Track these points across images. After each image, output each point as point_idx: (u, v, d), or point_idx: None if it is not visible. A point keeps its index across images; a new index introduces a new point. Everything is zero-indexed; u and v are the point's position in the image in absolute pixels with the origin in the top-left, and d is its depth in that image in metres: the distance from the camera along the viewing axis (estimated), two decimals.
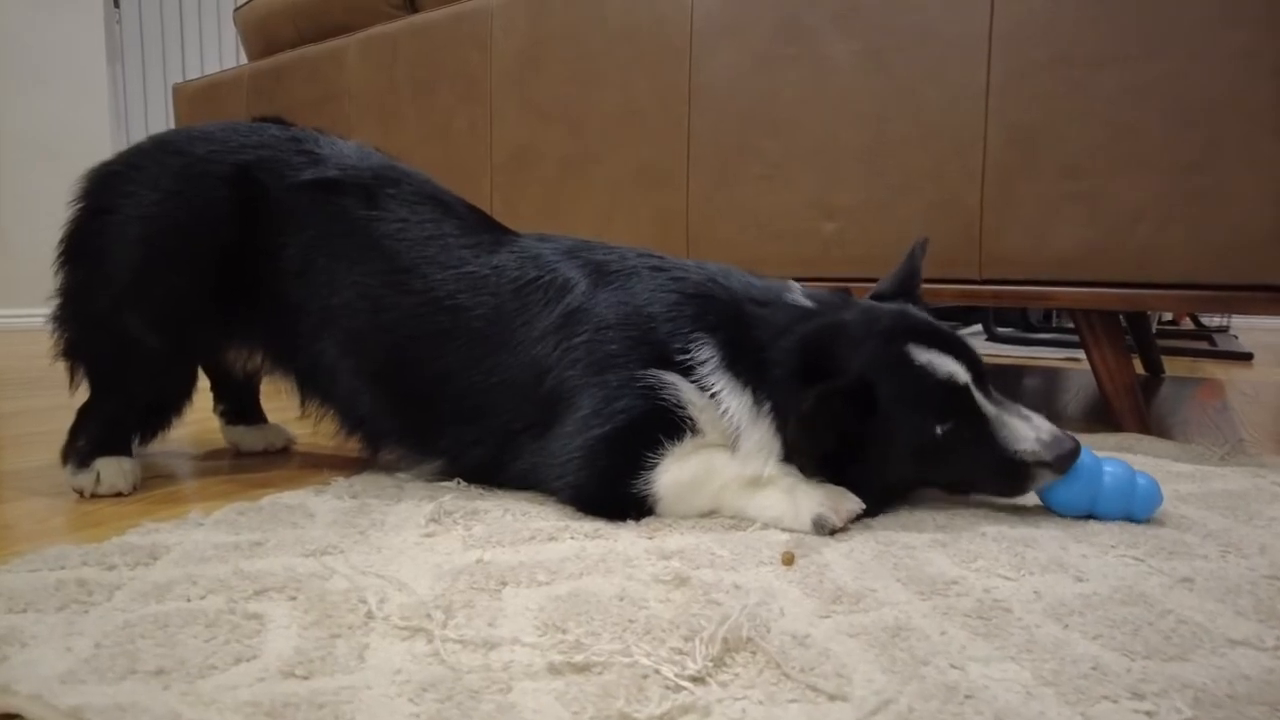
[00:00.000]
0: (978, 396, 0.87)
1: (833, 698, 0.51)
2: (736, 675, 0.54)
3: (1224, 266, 1.22)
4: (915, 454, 0.88)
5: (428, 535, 0.82)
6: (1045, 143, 1.31)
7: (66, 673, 0.54)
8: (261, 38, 2.56)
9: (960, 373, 0.87)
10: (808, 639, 0.59)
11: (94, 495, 1.01)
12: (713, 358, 0.92)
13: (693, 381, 0.91)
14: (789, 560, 0.75)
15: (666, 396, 0.90)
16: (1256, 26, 1.17)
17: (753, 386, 0.91)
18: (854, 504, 0.86)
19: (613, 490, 0.89)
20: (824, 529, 0.83)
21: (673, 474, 0.89)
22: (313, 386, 1.08)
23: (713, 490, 0.90)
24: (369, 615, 0.63)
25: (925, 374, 0.87)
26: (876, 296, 1.05)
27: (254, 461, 1.22)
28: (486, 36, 1.93)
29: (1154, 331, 2.71)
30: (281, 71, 2.47)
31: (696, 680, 0.53)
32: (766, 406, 0.91)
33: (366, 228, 1.05)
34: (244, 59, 4.49)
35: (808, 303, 0.98)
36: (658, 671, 0.53)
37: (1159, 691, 0.53)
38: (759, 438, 0.90)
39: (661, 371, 0.91)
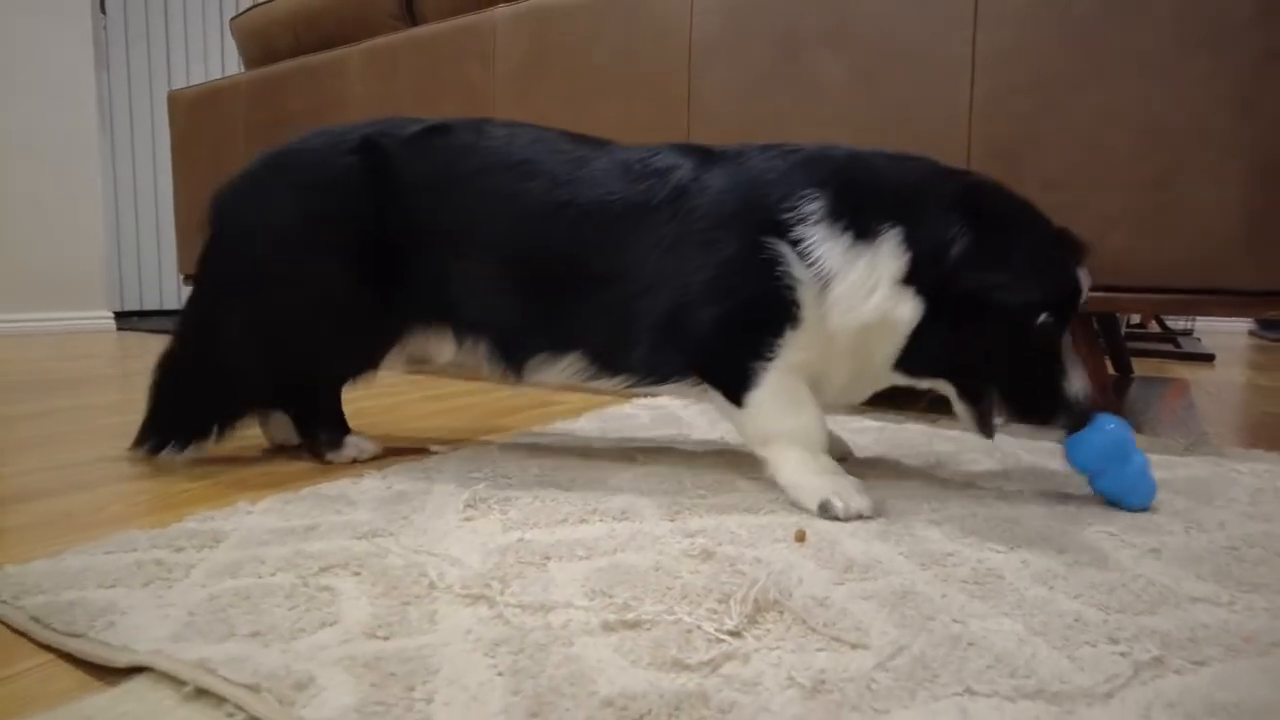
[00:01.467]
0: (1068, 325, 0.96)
1: (855, 646, 0.59)
2: (769, 630, 0.62)
3: (1189, 273, 1.32)
4: (1004, 326, 0.93)
5: (467, 519, 0.89)
6: (1027, 159, 1.41)
7: (172, 635, 0.60)
8: (260, 46, 2.61)
9: (1084, 294, 0.95)
10: (827, 600, 0.67)
11: (355, 461, 1.19)
12: (818, 209, 0.95)
13: (793, 240, 0.95)
14: (801, 537, 0.83)
15: (780, 274, 0.94)
16: (1214, 53, 1.28)
17: (859, 226, 0.95)
18: (863, 504, 0.91)
19: (733, 366, 0.98)
20: (828, 514, 0.91)
21: (772, 385, 0.97)
22: (466, 321, 1.13)
23: (783, 428, 0.98)
24: (431, 586, 0.70)
25: (1073, 271, 0.94)
26: None
27: (270, 458, 1.27)
28: (489, 50, 2.00)
29: (1123, 334, 2.83)
30: (282, 80, 2.52)
31: (734, 635, 0.60)
32: (890, 234, 0.94)
33: (483, 148, 1.12)
34: (232, 66, 4.51)
35: (946, 165, 1.02)
36: (699, 628, 0.61)
37: (1131, 637, 0.61)
38: (860, 273, 0.94)
39: (778, 242, 0.95)
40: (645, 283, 1.01)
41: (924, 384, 1.01)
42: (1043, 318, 0.91)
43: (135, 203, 4.33)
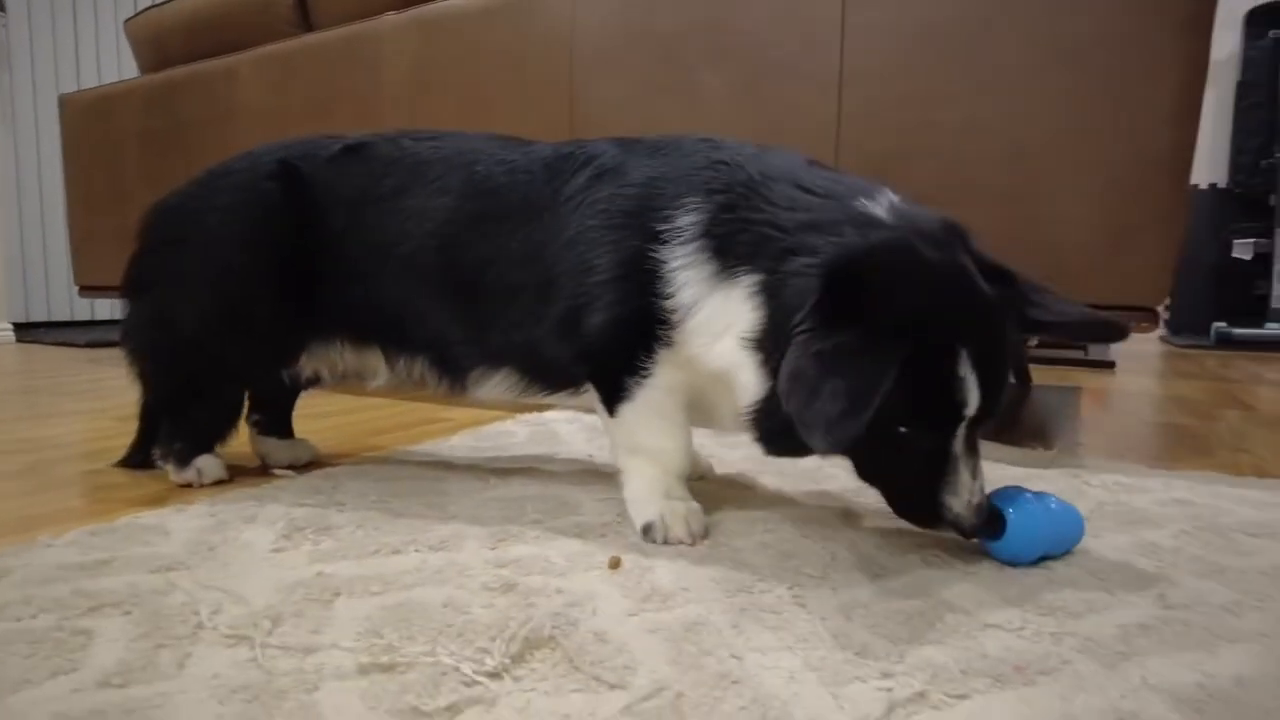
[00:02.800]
0: (960, 435, 0.79)
1: (613, 687, 0.57)
2: (533, 670, 0.59)
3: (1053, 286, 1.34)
4: (855, 418, 0.71)
5: (276, 550, 0.85)
6: (895, 172, 1.41)
7: None
8: (154, 50, 2.53)
9: (971, 407, 0.77)
10: (607, 636, 0.64)
11: (200, 486, 1.14)
12: (694, 225, 0.87)
13: (666, 256, 0.87)
14: (615, 564, 0.80)
15: (656, 290, 0.88)
16: (1074, 71, 1.30)
17: (725, 256, 0.85)
18: (682, 534, 0.88)
19: (611, 375, 0.94)
20: (648, 538, 0.89)
21: (643, 401, 0.93)
22: (395, 340, 1.12)
23: (645, 445, 0.95)
24: (199, 626, 0.66)
25: (951, 385, 0.76)
26: None
27: (129, 479, 1.21)
28: (377, 59, 1.95)
29: (1034, 342, 2.88)
30: (175, 86, 2.44)
31: (493, 676, 0.58)
32: (746, 280, 0.83)
33: (399, 164, 1.11)
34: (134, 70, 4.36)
35: (881, 213, 0.82)
36: (457, 669, 0.58)
37: (906, 670, 0.60)
38: (712, 310, 0.85)
39: (658, 253, 0.88)
40: (547, 281, 0.97)
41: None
42: (902, 430, 0.78)
43: (41, 209, 4.16)
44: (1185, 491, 1.13)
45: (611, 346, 0.93)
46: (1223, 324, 4.08)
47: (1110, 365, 2.92)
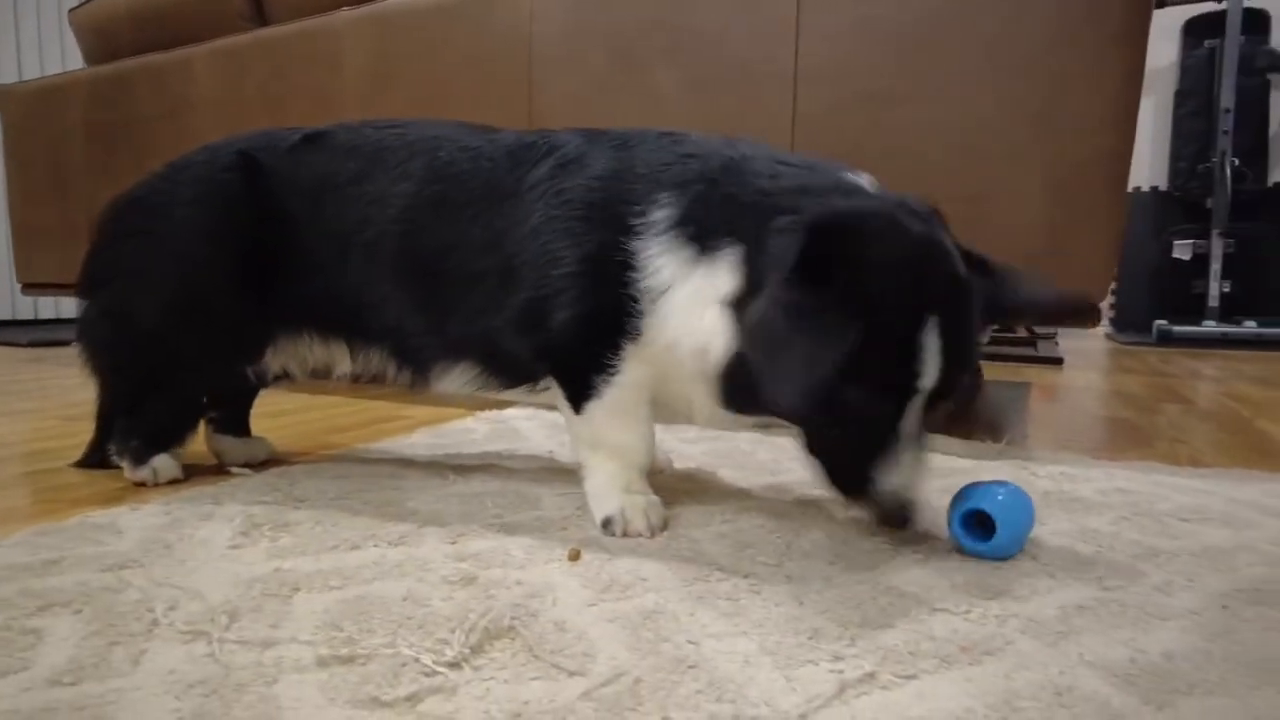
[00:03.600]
0: (912, 412, 0.79)
1: (572, 674, 0.58)
2: (493, 659, 0.60)
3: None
4: (811, 375, 0.74)
5: (234, 547, 0.84)
6: None
7: None
8: (100, 41, 2.47)
9: (928, 378, 0.77)
10: (566, 625, 0.65)
11: (155, 484, 1.13)
12: (668, 217, 0.87)
13: (639, 248, 0.87)
14: (575, 556, 0.81)
15: (626, 284, 0.87)
16: (1019, 76, 1.34)
17: (704, 238, 0.85)
18: (640, 527, 0.89)
19: (577, 372, 0.94)
20: (607, 531, 0.90)
21: (610, 399, 0.92)
22: (358, 331, 1.10)
23: (609, 441, 0.95)
24: (154, 623, 0.66)
25: (912, 353, 0.76)
26: None
27: (79, 479, 1.19)
28: (335, 54, 1.93)
29: (986, 339, 2.95)
30: (124, 79, 2.39)
31: (453, 666, 0.58)
32: (729, 252, 0.83)
33: (360, 149, 1.09)
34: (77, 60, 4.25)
35: (866, 185, 0.86)
36: (417, 660, 0.59)
37: (857, 653, 0.62)
38: (692, 289, 0.85)
39: (629, 246, 0.88)
40: (508, 270, 0.96)
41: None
42: (857, 394, 0.77)
43: None
44: (1125, 481, 1.17)
45: (577, 343, 0.92)
46: (1164, 322, 4.23)
47: (1059, 361, 3.00)
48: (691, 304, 0.86)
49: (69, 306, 4.64)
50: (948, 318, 0.77)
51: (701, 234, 0.86)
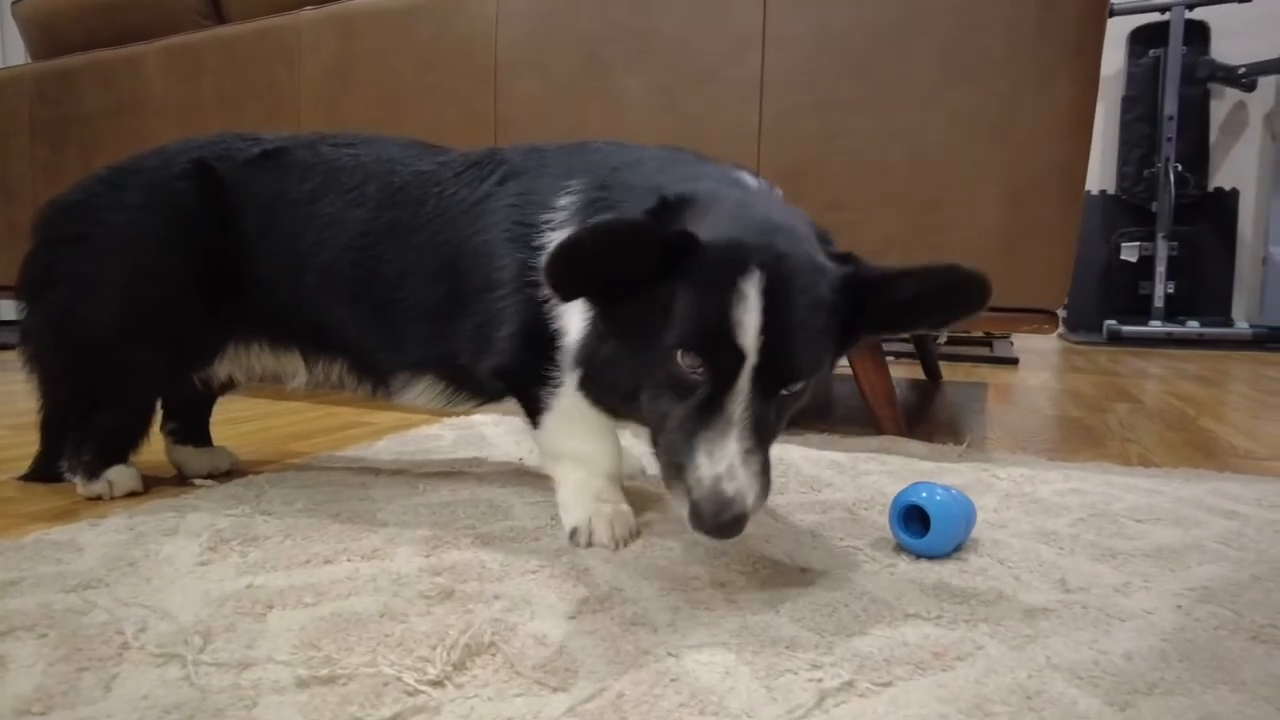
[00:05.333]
0: (742, 391, 0.71)
1: (555, 690, 0.58)
2: (475, 676, 0.60)
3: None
4: (645, 355, 0.75)
5: (202, 564, 0.83)
6: (811, 178, 1.47)
7: None
8: (46, 36, 2.39)
9: (748, 338, 0.70)
10: (546, 638, 0.65)
11: (112, 499, 1.10)
12: (560, 221, 0.90)
13: (541, 256, 0.88)
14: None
15: (543, 298, 0.88)
16: (975, 87, 1.37)
17: None
18: (605, 538, 0.89)
19: (526, 387, 0.94)
20: (573, 541, 0.90)
21: (562, 408, 0.93)
22: (315, 344, 1.10)
23: (571, 450, 0.96)
24: (124, 646, 0.64)
25: (729, 306, 0.69)
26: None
27: (25, 493, 1.16)
28: (294, 54, 1.90)
29: (943, 339, 3.02)
30: (72, 75, 2.32)
31: (435, 684, 0.58)
32: None
33: (317, 169, 1.09)
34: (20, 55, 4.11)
35: (749, 180, 0.88)
36: (399, 679, 0.58)
37: (834, 661, 0.63)
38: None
39: (537, 260, 0.89)
40: (459, 295, 0.98)
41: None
42: (683, 359, 0.72)
43: None
44: (1080, 481, 1.21)
45: (518, 361, 0.94)
46: (1113, 322, 4.36)
47: (1014, 362, 3.08)
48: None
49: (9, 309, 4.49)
50: (774, 280, 0.70)
51: None
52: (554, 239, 0.89)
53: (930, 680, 0.61)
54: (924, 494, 0.87)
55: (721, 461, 0.69)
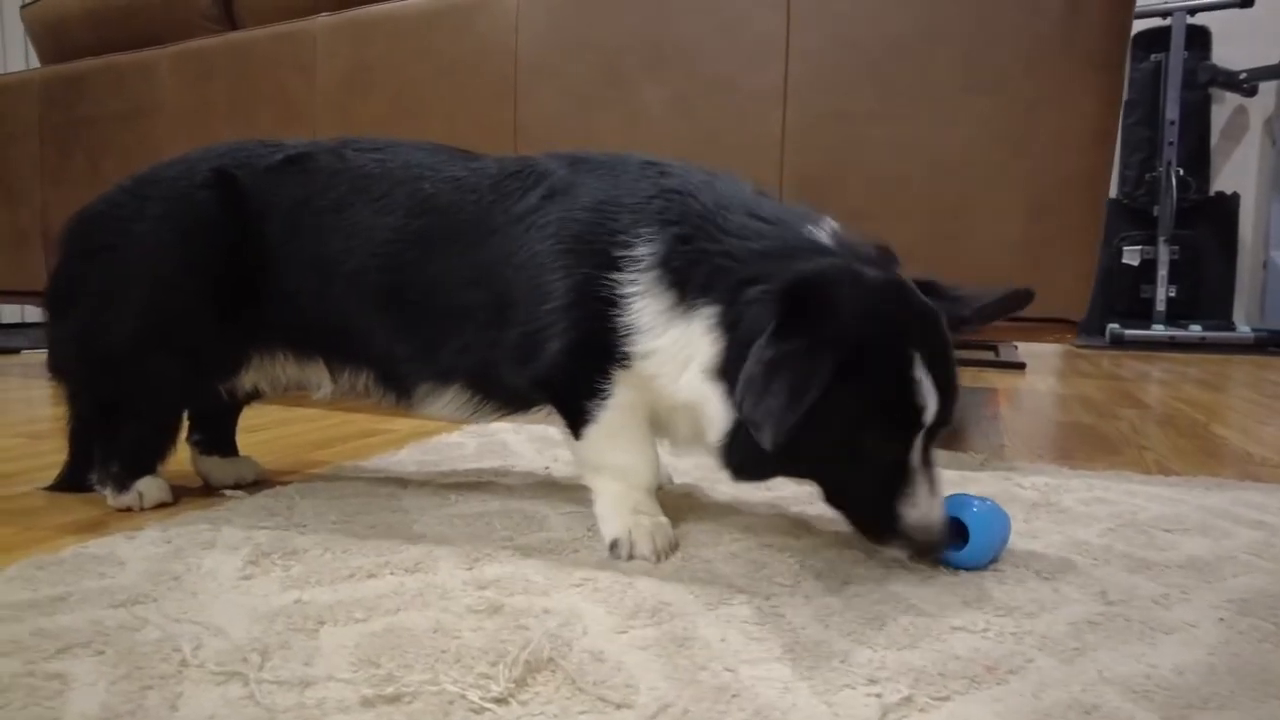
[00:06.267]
0: (918, 444, 0.83)
1: (619, 706, 0.58)
2: (537, 694, 0.60)
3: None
4: (823, 446, 0.83)
5: (245, 578, 0.83)
6: (834, 188, 1.47)
7: None
8: (56, 40, 2.39)
9: (930, 413, 0.82)
10: (603, 654, 0.66)
11: (142, 510, 1.10)
12: (650, 255, 0.89)
13: (623, 281, 0.89)
14: None
15: (611, 316, 0.89)
16: (993, 94, 1.38)
17: (684, 288, 0.87)
18: (646, 551, 0.89)
19: (571, 400, 0.95)
20: (614, 554, 0.90)
21: (607, 422, 0.94)
22: (339, 354, 1.10)
23: (612, 463, 0.96)
24: (183, 663, 0.64)
25: (907, 388, 0.80)
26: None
27: (49, 503, 1.15)
28: (309, 60, 1.90)
29: None
30: (83, 79, 2.31)
31: (499, 701, 0.58)
32: (706, 313, 0.86)
33: (342, 178, 1.08)
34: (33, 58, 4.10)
35: (826, 239, 0.89)
36: (464, 696, 0.59)
37: (890, 676, 0.64)
38: (671, 341, 0.88)
39: (614, 279, 0.89)
40: (501, 304, 0.97)
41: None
42: (864, 441, 0.82)
43: None
44: (1104, 491, 1.22)
45: (569, 373, 0.94)
46: (1115, 325, 4.38)
47: (1021, 366, 3.09)
48: (674, 355, 0.89)
49: (16, 312, 4.47)
50: (929, 348, 0.81)
51: (679, 283, 0.88)
52: (634, 261, 0.89)
53: (986, 694, 0.61)
54: (961, 506, 0.88)
55: (924, 509, 0.83)
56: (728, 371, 0.83)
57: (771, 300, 0.81)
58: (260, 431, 1.64)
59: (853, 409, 0.80)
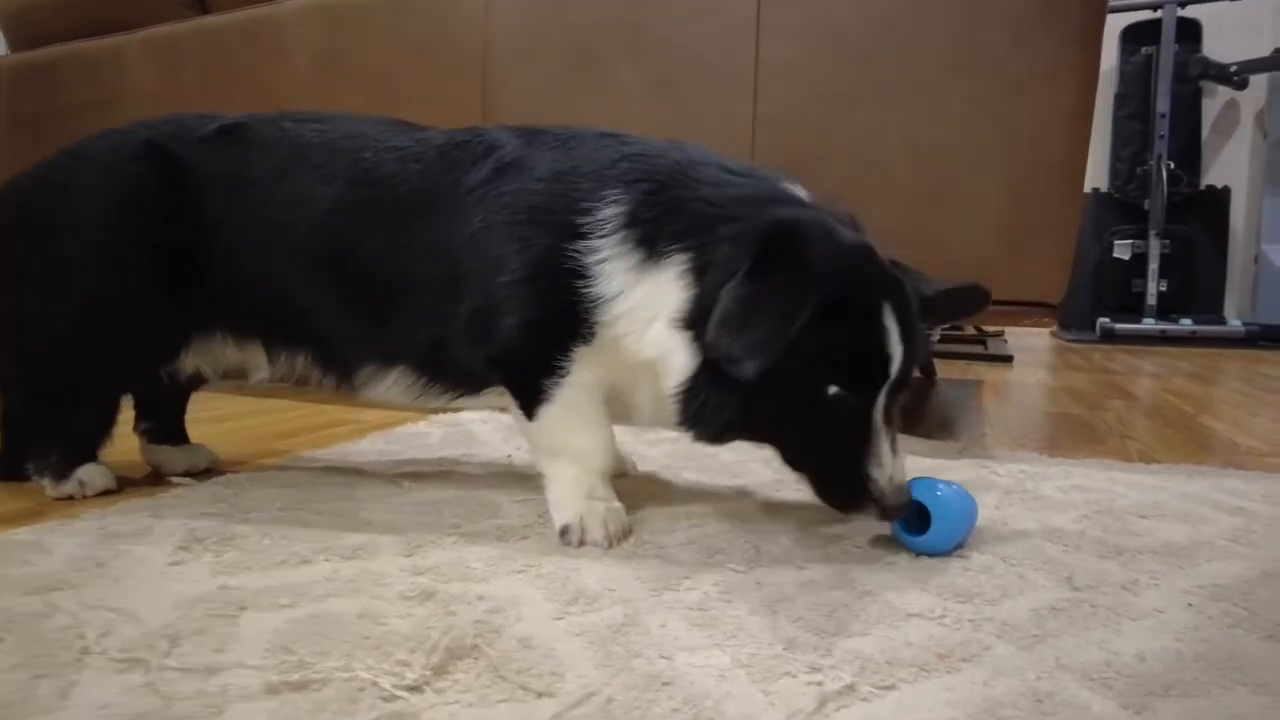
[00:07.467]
0: (882, 398, 0.82)
1: (541, 695, 0.55)
2: (456, 681, 0.57)
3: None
4: (787, 394, 0.80)
5: (174, 564, 0.79)
6: (811, 172, 1.43)
7: None
8: (24, 27, 2.35)
9: (896, 365, 0.81)
10: (532, 641, 0.62)
11: (84, 498, 1.04)
12: (617, 215, 0.85)
13: (587, 250, 0.85)
14: None
15: (574, 287, 0.85)
16: (978, 79, 1.34)
17: (655, 240, 0.84)
18: (598, 537, 0.86)
19: (527, 377, 0.91)
20: (564, 540, 0.87)
21: (563, 401, 0.90)
22: (278, 334, 1.05)
23: (566, 446, 0.93)
24: (84, 651, 0.61)
25: (876, 336, 0.79)
26: None
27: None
28: (280, 46, 1.86)
29: (936, 337, 2.99)
30: (52, 66, 2.27)
31: (413, 689, 0.55)
32: (677, 259, 0.83)
33: (280, 148, 1.03)
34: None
35: (803, 194, 0.88)
36: (375, 684, 0.55)
37: (834, 663, 0.60)
38: (640, 298, 0.84)
39: (576, 249, 0.85)
40: (452, 279, 0.93)
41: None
42: (833, 390, 0.80)
43: None
44: (1083, 478, 1.19)
45: (526, 349, 0.90)
46: (1106, 319, 4.35)
47: (1009, 359, 3.06)
48: (641, 310, 0.85)
49: None
50: (898, 304, 0.81)
51: (649, 237, 0.85)
52: (599, 225, 0.86)
53: (936, 683, 0.58)
54: (924, 490, 0.84)
55: (889, 468, 0.81)
56: (695, 319, 0.81)
57: (748, 240, 0.80)
58: (226, 422, 1.60)
59: (822, 354, 0.79)
